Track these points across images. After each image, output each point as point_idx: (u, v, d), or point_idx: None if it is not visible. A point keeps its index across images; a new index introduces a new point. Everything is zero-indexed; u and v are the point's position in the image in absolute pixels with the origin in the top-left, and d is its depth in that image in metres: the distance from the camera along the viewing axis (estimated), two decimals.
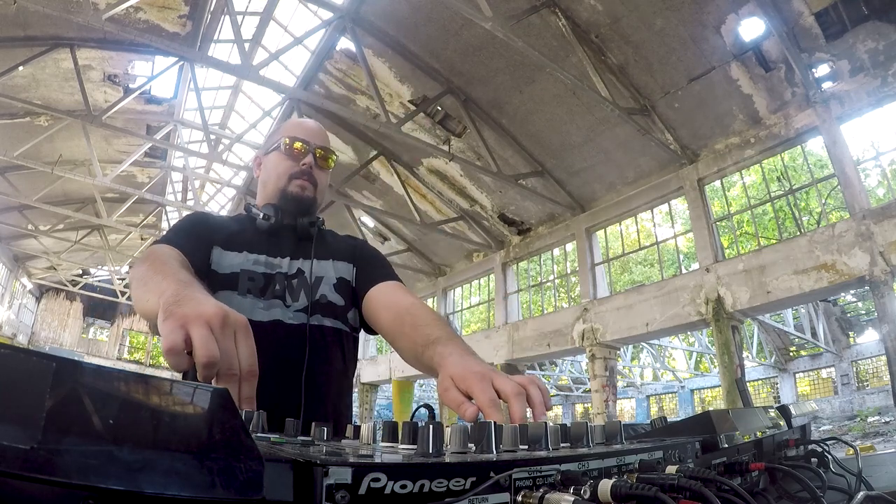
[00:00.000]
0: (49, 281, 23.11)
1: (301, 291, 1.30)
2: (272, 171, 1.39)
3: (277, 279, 1.28)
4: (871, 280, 7.44)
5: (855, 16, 7.38)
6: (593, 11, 8.22)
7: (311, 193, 1.38)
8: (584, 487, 0.41)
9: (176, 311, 0.69)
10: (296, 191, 1.36)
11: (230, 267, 1.26)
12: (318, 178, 1.40)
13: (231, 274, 1.25)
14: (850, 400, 18.49)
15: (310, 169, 1.37)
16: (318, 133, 1.44)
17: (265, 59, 9.01)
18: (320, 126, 1.49)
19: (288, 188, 1.36)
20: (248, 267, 1.27)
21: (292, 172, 1.36)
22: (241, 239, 1.32)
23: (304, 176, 1.36)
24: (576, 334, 11.23)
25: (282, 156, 1.38)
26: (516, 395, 0.77)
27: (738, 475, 0.67)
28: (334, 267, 1.38)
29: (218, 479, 0.29)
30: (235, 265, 1.27)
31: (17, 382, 0.26)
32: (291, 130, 1.41)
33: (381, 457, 0.41)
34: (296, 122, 1.47)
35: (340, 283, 1.36)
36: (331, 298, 1.32)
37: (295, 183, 1.36)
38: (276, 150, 1.39)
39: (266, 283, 1.27)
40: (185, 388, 0.31)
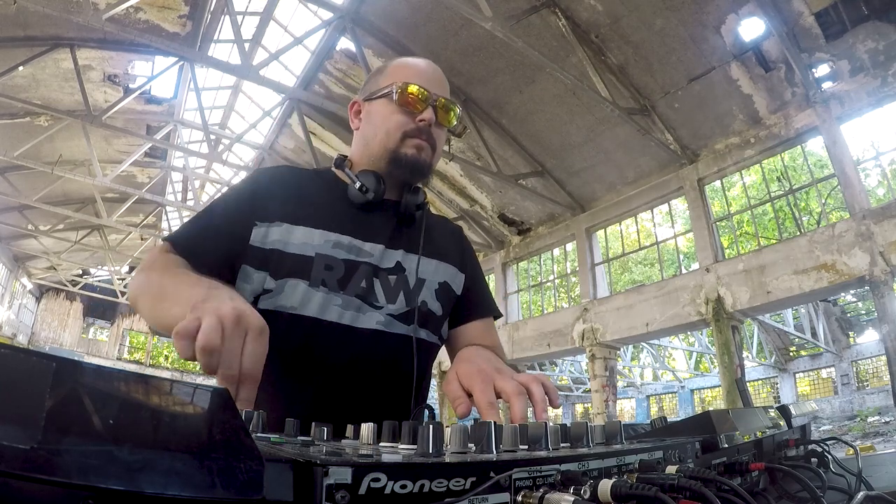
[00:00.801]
0: (49, 281, 23.12)
1: (400, 293, 1.07)
2: (380, 125, 1.10)
3: (363, 271, 1.04)
4: (871, 280, 7.45)
5: (855, 16, 7.38)
6: (593, 11, 8.22)
7: (429, 157, 1.11)
8: (584, 487, 0.41)
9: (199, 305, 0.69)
10: (411, 153, 1.08)
11: (302, 248, 1.01)
12: (438, 137, 1.13)
13: (302, 257, 1.01)
14: (850, 400, 18.50)
15: (429, 126, 1.09)
16: (439, 79, 1.15)
17: (265, 59, 9.02)
18: (440, 71, 1.18)
19: (401, 149, 1.08)
20: (325, 251, 1.02)
21: (407, 129, 1.08)
22: (321, 212, 1.06)
23: (423, 135, 1.09)
24: (576, 334, 11.24)
25: (393, 106, 1.09)
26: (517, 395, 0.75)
27: (738, 475, 0.67)
28: (437, 269, 1.15)
29: (218, 479, 0.29)
30: (309, 246, 1.02)
31: (17, 382, 0.26)
32: (407, 74, 1.12)
33: (381, 457, 0.41)
34: (411, 63, 1.16)
35: (443, 290, 1.14)
36: (431, 307, 1.11)
37: (410, 143, 1.08)
38: (385, 96, 1.10)
39: (347, 273, 1.03)
40: (185, 388, 0.31)
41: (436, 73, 1.15)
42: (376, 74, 1.17)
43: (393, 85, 1.09)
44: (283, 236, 1.01)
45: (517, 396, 0.75)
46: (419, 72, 1.12)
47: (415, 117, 1.08)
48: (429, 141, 1.10)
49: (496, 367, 0.83)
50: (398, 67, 1.14)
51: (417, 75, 1.11)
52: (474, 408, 0.79)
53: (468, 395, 0.79)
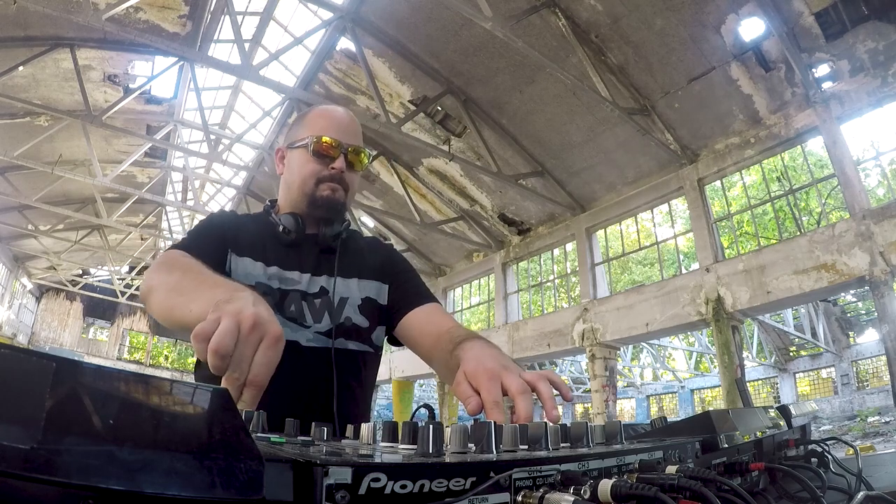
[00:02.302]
0: (49, 281, 23.11)
1: (325, 313, 1.20)
2: (297, 173, 1.25)
3: (292, 297, 1.19)
4: (871, 280, 7.44)
5: (855, 16, 7.38)
6: (593, 11, 8.22)
7: (343, 197, 1.25)
8: (584, 487, 0.41)
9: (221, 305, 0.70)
10: (326, 194, 1.22)
11: (245, 277, 1.16)
12: (350, 180, 1.26)
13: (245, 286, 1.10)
14: (850, 400, 18.50)
15: (340, 173, 1.23)
16: (350, 128, 1.29)
17: (265, 59, 9.02)
18: (352, 117, 1.32)
19: (316, 192, 1.23)
20: (263, 280, 1.17)
21: (320, 176, 1.22)
22: (258, 247, 1.22)
23: (335, 180, 1.23)
24: (576, 334, 11.24)
25: (308, 155, 1.23)
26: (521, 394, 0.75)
27: (738, 475, 0.67)
28: (359, 286, 1.28)
29: (218, 479, 0.29)
30: (251, 276, 1.17)
31: (17, 382, 0.26)
32: (320, 126, 1.25)
33: (381, 457, 0.41)
34: (325, 114, 1.30)
35: (366, 304, 1.27)
36: (355, 321, 1.24)
37: (324, 187, 1.23)
38: (302, 146, 1.24)
39: (280, 299, 1.17)
40: (185, 388, 0.31)
41: (348, 120, 1.29)
42: (297, 123, 1.31)
43: (308, 137, 1.22)
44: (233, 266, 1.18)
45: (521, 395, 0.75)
46: (333, 123, 1.26)
47: (328, 165, 1.22)
48: (341, 184, 1.24)
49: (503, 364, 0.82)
50: (315, 118, 1.28)
51: (330, 127, 1.24)
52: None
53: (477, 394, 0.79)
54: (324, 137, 1.22)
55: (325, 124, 1.25)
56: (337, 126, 1.26)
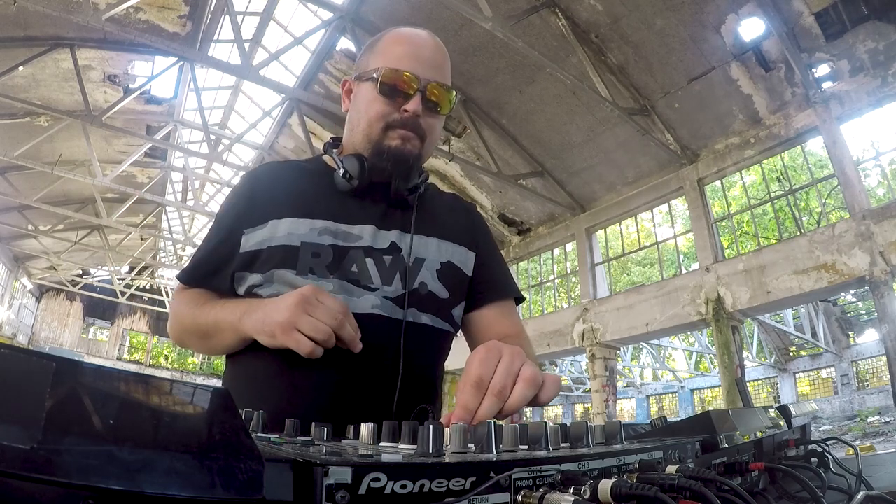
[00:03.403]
0: (49, 281, 23.11)
1: (396, 273, 1.00)
2: (363, 112, 1.02)
3: (353, 254, 0.99)
4: (871, 280, 7.45)
5: (855, 16, 7.38)
6: (593, 11, 8.22)
7: (417, 148, 1.02)
8: (584, 487, 0.41)
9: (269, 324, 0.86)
10: (395, 144, 1.00)
11: (287, 239, 0.98)
12: (428, 126, 1.02)
13: (288, 248, 0.97)
14: (850, 400, 18.50)
15: (415, 117, 0.99)
16: (434, 58, 1.03)
17: (265, 59, 9.03)
18: (437, 44, 1.06)
19: (384, 141, 1.00)
20: (311, 239, 0.98)
21: (390, 120, 1.00)
22: (306, 201, 1.02)
23: (408, 126, 1.00)
24: (576, 334, 11.24)
25: (376, 93, 1.00)
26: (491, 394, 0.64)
27: (738, 475, 0.67)
28: (440, 248, 1.06)
29: (218, 479, 0.29)
30: (295, 236, 0.98)
31: (17, 382, 0.26)
32: (394, 54, 1.01)
33: (381, 457, 0.41)
34: (402, 39, 1.04)
35: (447, 270, 1.05)
36: (432, 288, 1.02)
37: (394, 134, 1.00)
38: (370, 80, 1.01)
39: (336, 258, 0.98)
40: (185, 388, 0.31)
41: (431, 49, 1.03)
42: (368, 49, 1.08)
43: (378, 69, 0.99)
44: (269, 234, 0.99)
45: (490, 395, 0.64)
46: (410, 50, 1.01)
47: (399, 106, 0.99)
48: (416, 131, 1.00)
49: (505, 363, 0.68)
50: (389, 43, 1.04)
51: (407, 55, 1.00)
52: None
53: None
54: (395, 71, 0.98)
55: (400, 52, 1.01)
56: (415, 55, 1.01)
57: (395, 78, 0.98)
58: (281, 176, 1.08)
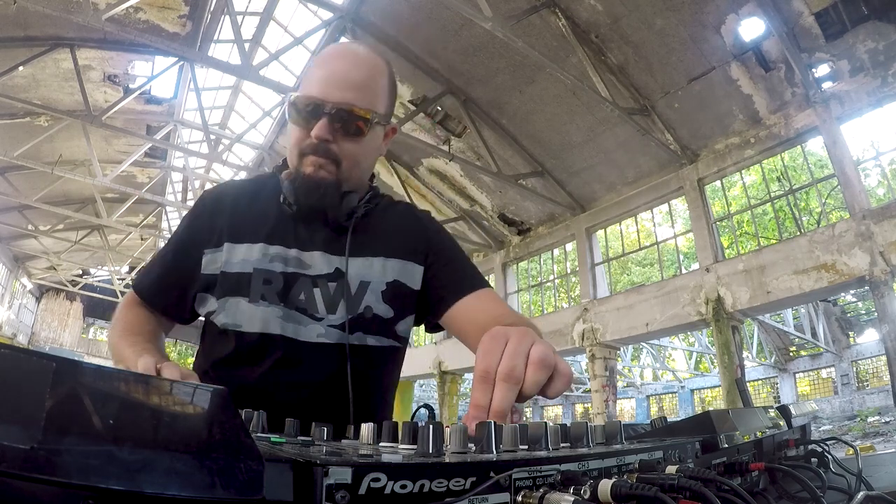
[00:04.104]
0: (49, 281, 23.11)
1: (340, 302, 1.01)
2: (289, 139, 1.04)
3: (301, 283, 1.00)
4: (871, 280, 7.44)
5: (855, 16, 7.38)
6: (593, 11, 8.22)
7: (332, 175, 0.99)
8: (584, 487, 0.41)
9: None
10: (308, 171, 0.98)
11: (242, 265, 1.00)
12: (343, 150, 0.99)
13: (241, 275, 0.99)
14: (850, 400, 18.49)
15: (324, 142, 0.97)
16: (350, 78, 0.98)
17: (265, 59, 9.02)
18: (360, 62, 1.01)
19: (301, 168, 0.99)
20: (263, 265, 0.99)
21: (303, 147, 0.99)
22: (260, 225, 1.03)
23: (318, 152, 0.98)
24: (576, 334, 11.23)
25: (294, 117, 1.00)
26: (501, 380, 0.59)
27: (738, 475, 0.67)
28: (384, 267, 1.06)
29: (218, 479, 0.29)
30: (248, 262, 1.00)
31: (17, 382, 0.26)
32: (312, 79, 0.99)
33: (381, 457, 0.41)
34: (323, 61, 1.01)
35: (391, 289, 1.05)
36: (377, 311, 1.03)
37: (307, 161, 0.99)
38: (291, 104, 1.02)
39: (286, 286, 1.00)
40: (185, 388, 0.31)
41: (348, 68, 0.99)
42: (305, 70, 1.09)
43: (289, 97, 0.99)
44: (226, 257, 1.01)
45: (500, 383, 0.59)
46: (323, 74, 0.99)
47: (308, 132, 0.97)
48: (328, 156, 0.98)
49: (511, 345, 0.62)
50: (313, 66, 1.02)
51: (320, 79, 0.98)
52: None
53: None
54: (301, 95, 0.98)
55: (316, 76, 0.99)
56: (328, 78, 0.98)
57: (301, 104, 0.97)
58: (239, 197, 1.09)
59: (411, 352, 16.75)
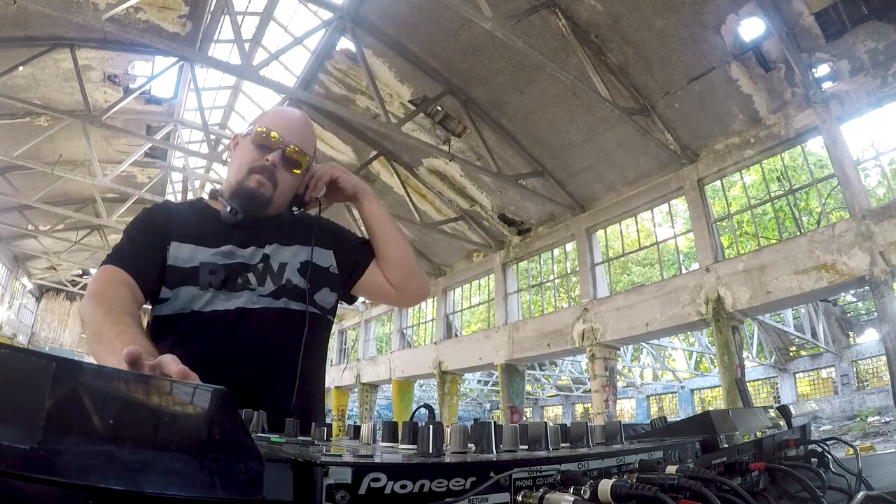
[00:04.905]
0: (49, 281, 23.10)
1: (267, 277, 1.29)
2: (238, 159, 1.32)
3: (237, 269, 1.27)
4: (871, 280, 7.44)
5: (855, 16, 7.38)
6: (593, 11, 8.22)
7: (269, 192, 1.29)
8: (584, 487, 0.41)
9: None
10: (251, 185, 1.27)
11: (189, 261, 1.24)
12: (281, 178, 1.30)
13: (190, 269, 1.24)
14: (850, 400, 18.49)
15: (273, 167, 1.28)
16: (300, 129, 1.35)
17: (265, 59, 9.01)
18: (306, 121, 1.40)
19: (244, 182, 1.28)
20: (207, 259, 1.25)
21: (254, 166, 1.28)
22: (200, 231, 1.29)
23: (265, 172, 1.27)
24: (576, 334, 11.23)
25: (251, 145, 1.30)
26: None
27: (738, 475, 0.67)
28: (297, 252, 1.36)
29: (218, 478, 0.29)
30: (195, 259, 1.25)
31: (17, 382, 0.26)
32: (269, 120, 1.33)
33: (381, 457, 0.41)
34: (279, 112, 1.40)
35: (303, 267, 1.35)
36: (295, 282, 1.32)
37: (253, 177, 1.27)
38: (248, 135, 1.32)
39: (227, 275, 1.25)
40: (185, 388, 0.31)
41: (299, 122, 1.35)
42: (256, 119, 1.38)
43: (254, 126, 1.31)
44: (173, 254, 1.24)
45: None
46: (281, 121, 1.33)
47: (263, 157, 1.27)
48: (270, 178, 1.28)
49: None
50: (270, 113, 1.38)
51: (278, 124, 1.31)
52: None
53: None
54: (267, 129, 1.29)
55: (275, 120, 1.33)
56: (286, 124, 1.32)
57: (265, 134, 1.29)
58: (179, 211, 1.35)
59: (411, 352, 16.73)
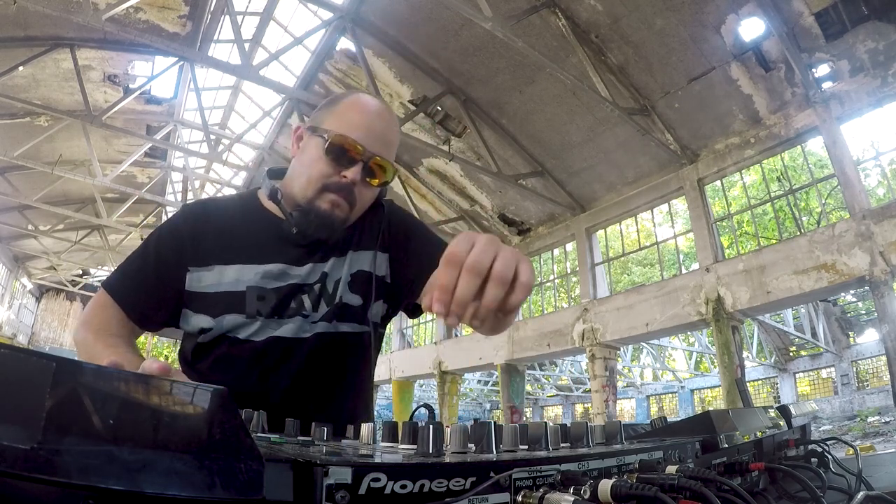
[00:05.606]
0: (49, 281, 23.10)
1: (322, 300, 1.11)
2: (306, 167, 1.07)
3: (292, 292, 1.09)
4: (871, 280, 7.44)
5: (855, 16, 7.38)
6: (593, 11, 8.22)
7: (344, 214, 1.06)
8: (584, 487, 0.41)
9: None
10: (324, 208, 1.04)
11: (234, 284, 1.06)
12: (360, 195, 1.07)
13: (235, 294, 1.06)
14: (850, 400, 18.48)
15: (351, 185, 1.03)
16: (385, 133, 1.08)
17: (265, 59, 9.02)
18: (391, 119, 1.11)
19: (315, 201, 1.05)
20: (255, 282, 1.07)
21: (328, 182, 1.04)
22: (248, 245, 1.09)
23: (342, 192, 1.04)
24: (576, 334, 11.23)
25: (322, 153, 1.03)
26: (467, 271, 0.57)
27: (738, 475, 0.67)
28: (350, 261, 1.14)
29: (218, 479, 0.29)
30: (241, 282, 1.06)
31: (17, 382, 0.26)
32: (348, 120, 1.05)
33: (381, 457, 0.41)
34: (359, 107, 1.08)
35: (357, 279, 1.14)
36: (347, 300, 1.12)
37: (326, 197, 1.04)
38: (320, 137, 1.05)
39: (279, 300, 1.07)
40: (185, 388, 0.31)
41: (385, 124, 1.08)
42: (328, 105, 1.12)
43: (329, 131, 1.03)
44: (216, 279, 1.07)
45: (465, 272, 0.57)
46: (364, 121, 1.05)
47: (340, 171, 1.03)
48: (347, 199, 1.05)
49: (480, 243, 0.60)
50: (347, 107, 1.08)
51: (360, 125, 1.04)
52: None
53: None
54: (346, 136, 1.02)
55: (356, 120, 1.05)
56: (368, 126, 1.05)
57: (343, 144, 1.02)
58: (225, 218, 1.14)
59: (411, 352, 16.73)
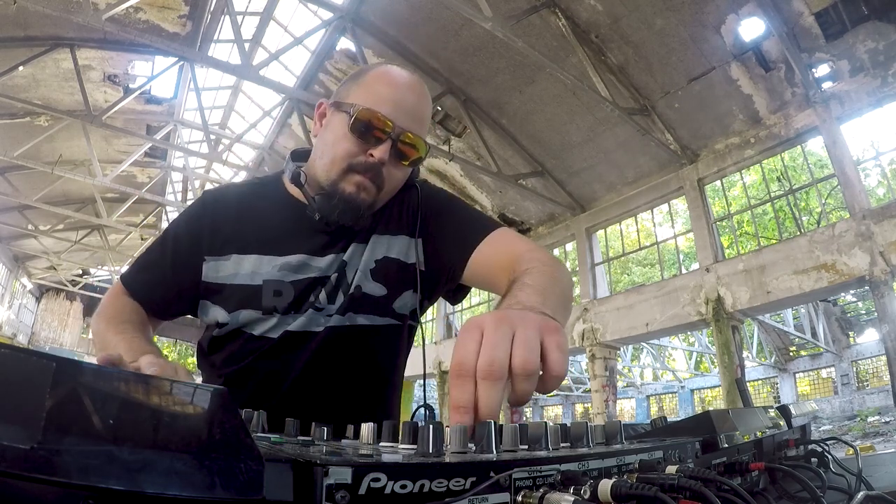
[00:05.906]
0: (49, 281, 23.10)
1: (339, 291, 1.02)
2: (330, 146, 0.97)
3: (310, 286, 1.01)
4: (871, 280, 7.44)
5: (855, 16, 7.38)
6: (593, 11, 8.22)
7: (371, 197, 0.97)
8: (584, 487, 0.41)
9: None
10: (349, 191, 0.95)
11: (251, 277, 1.00)
12: (390, 176, 0.98)
13: (251, 287, 1.00)
14: (850, 400, 18.49)
15: (379, 164, 0.94)
16: (416, 107, 0.98)
17: (265, 59, 9.03)
18: (423, 92, 1.01)
19: (339, 183, 0.96)
20: (273, 276, 1.00)
21: (353, 162, 0.95)
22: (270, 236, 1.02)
23: (370, 172, 0.95)
24: (576, 334, 11.23)
25: (347, 130, 0.94)
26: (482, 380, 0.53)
27: (738, 475, 0.67)
28: (374, 245, 1.04)
29: (218, 479, 0.29)
30: (258, 275, 1.00)
31: (17, 382, 0.26)
32: (375, 93, 0.95)
33: (381, 457, 0.41)
34: (387, 79, 0.98)
35: (382, 266, 1.03)
36: (367, 289, 1.02)
37: (352, 179, 0.95)
38: (344, 113, 0.95)
39: (296, 295, 1.00)
40: (186, 388, 0.31)
41: (416, 97, 0.98)
42: (353, 79, 1.03)
43: (355, 105, 0.94)
44: (233, 269, 1.01)
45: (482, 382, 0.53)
46: (393, 94, 0.96)
47: (367, 150, 0.94)
48: (375, 180, 0.96)
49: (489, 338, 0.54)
50: (374, 79, 0.99)
51: (389, 99, 0.95)
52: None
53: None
54: (370, 112, 0.93)
55: (384, 93, 0.95)
56: (397, 100, 0.95)
57: (370, 119, 0.93)
58: (244, 204, 1.07)
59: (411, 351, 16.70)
